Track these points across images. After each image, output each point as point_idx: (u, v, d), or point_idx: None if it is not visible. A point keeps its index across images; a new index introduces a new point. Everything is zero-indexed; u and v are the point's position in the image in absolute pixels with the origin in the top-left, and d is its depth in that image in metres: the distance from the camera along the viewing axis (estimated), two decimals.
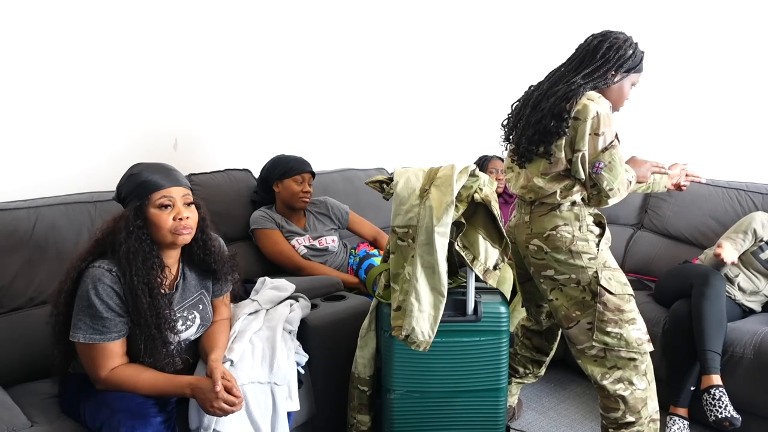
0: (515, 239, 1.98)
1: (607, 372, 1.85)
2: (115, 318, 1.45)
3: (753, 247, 2.42)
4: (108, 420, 1.39)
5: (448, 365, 1.81)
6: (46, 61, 2.09)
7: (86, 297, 1.43)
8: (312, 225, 2.56)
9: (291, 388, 1.71)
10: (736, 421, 1.98)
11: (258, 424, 1.59)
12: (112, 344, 1.46)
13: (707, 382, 2.06)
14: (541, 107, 1.80)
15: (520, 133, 1.88)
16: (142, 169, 1.53)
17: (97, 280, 1.43)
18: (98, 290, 1.43)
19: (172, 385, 1.47)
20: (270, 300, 1.92)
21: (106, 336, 1.45)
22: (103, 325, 1.44)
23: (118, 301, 1.45)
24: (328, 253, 2.51)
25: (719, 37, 3.12)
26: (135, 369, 1.49)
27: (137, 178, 1.50)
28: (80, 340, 1.44)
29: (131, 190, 1.50)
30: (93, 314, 1.43)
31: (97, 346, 1.45)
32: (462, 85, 3.61)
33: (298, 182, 2.45)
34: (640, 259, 3.00)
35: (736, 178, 2.87)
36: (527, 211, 1.92)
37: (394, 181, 1.82)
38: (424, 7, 3.36)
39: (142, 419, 1.39)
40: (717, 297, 2.19)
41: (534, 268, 1.92)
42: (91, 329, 1.44)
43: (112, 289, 1.44)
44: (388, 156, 3.29)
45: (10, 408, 1.52)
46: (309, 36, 2.90)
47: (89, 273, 1.45)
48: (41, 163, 2.10)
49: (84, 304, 1.43)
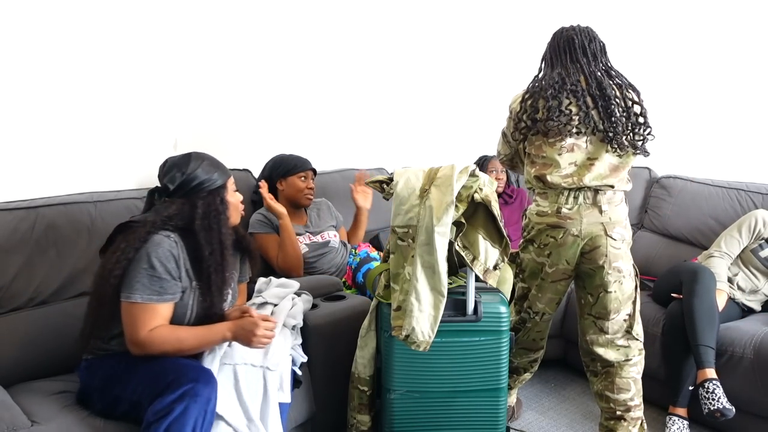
0: (578, 231, 1.88)
1: (628, 359, 1.96)
2: (171, 281, 1.56)
3: (753, 244, 2.42)
4: (182, 374, 1.46)
5: (448, 365, 1.81)
6: (47, 62, 2.09)
7: (146, 259, 1.54)
8: (314, 221, 2.57)
9: (283, 379, 1.73)
10: (729, 412, 1.98)
11: (247, 405, 1.62)
12: (163, 306, 1.56)
13: (702, 377, 2.06)
14: (616, 98, 1.85)
15: (608, 122, 1.84)
16: (203, 159, 1.71)
17: (157, 245, 1.55)
18: (158, 253, 1.54)
19: (212, 333, 1.58)
20: (277, 296, 1.95)
21: (163, 297, 1.55)
22: (161, 286, 1.55)
23: (174, 266, 1.57)
24: (330, 248, 2.51)
25: (719, 38, 3.12)
26: (173, 327, 1.58)
27: (218, 167, 1.72)
28: (137, 301, 1.52)
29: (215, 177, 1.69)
30: (152, 275, 1.53)
31: (149, 306, 1.53)
32: (462, 85, 3.60)
33: (302, 179, 2.48)
34: (640, 259, 2.99)
35: (736, 178, 2.87)
36: (605, 199, 1.89)
37: (394, 181, 1.82)
38: (424, 7, 3.36)
39: (210, 373, 1.51)
40: (706, 292, 2.19)
41: (609, 257, 1.89)
42: (148, 290, 1.53)
43: (171, 253, 1.56)
44: (388, 156, 3.28)
45: (10, 408, 1.52)
46: (309, 36, 2.90)
47: (150, 239, 1.55)
48: (41, 163, 2.10)
49: (143, 266, 1.53)
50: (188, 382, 1.44)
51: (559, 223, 1.89)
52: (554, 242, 1.90)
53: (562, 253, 1.91)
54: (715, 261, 2.39)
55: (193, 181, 1.64)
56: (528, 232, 1.99)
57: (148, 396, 1.46)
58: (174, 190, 1.64)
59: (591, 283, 1.95)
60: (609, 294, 1.91)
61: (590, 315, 1.98)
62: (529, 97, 1.94)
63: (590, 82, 1.88)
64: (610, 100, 1.85)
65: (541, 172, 1.90)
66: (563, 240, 1.89)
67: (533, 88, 1.96)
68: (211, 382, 1.48)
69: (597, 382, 2.03)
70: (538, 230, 1.93)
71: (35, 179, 2.08)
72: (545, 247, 1.92)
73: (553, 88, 1.88)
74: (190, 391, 1.42)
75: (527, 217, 2.02)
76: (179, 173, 1.64)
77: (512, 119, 2.01)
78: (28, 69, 2.05)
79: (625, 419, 1.96)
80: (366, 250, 2.54)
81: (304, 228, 2.53)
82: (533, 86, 1.97)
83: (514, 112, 2.00)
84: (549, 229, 1.91)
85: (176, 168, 1.65)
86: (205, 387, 1.45)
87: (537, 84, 1.96)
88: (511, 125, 2.02)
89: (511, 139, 2.04)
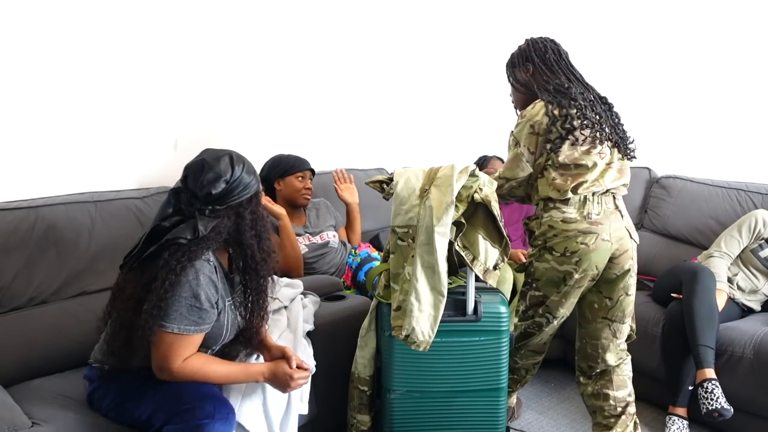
0: (609, 236, 1.86)
1: (625, 358, 2.04)
2: (210, 310, 1.47)
3: (753, 244, 2.42)
4: (197, 405, 1.39)
5: (448, 365, 1.81)
6: (47, 62, 2.09)
7: (188, 288, 1.42)
8: (313, 221, 2.58)
9: (304, 391, 1.74)
10: (727, 412, 1.98)
11: (271, 419, 1.63)
12: (199, 336, 1.47)
13: (701, 377, 2.07)
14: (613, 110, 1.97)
15: (616, 129, 1.93)
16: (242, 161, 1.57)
17: (199, 271, 1.43)
18: (200, 281, 1.43)
19: (245, 373, 1.54)
20: (287, 297, 1.95)
21: (200, 327, 1.46)
22: (200, 317, 1.45)
23: (214, 292, 1.47)
24: (329, 249, 2.51)
25: (719, 38, 3.12)
26: (205, 358, 1.51)
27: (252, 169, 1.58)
28: (174, 331, 1.41)
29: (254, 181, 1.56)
30: (192, 305, 1.43)
31: (185, 337, 1.43)
32: (462, 85, 3.60)
33: (300, 179, 2.49)
34: (640, 259, 2.96)
35: (736, 178, 2.87)
36: (621, 204, 1.96)
37: (394, 181, 1.82)
38: (424, 7, 3.36)
39: (231, 410, 1.45)
40: (705, 292, 2.19)
41: (632, 261, 1.94)
42: (186, 320, 1.43)
43: (210, 279, 1.46)
44: (388, 156, 3.29)
45: (10, 408, 1.52)
46: (309, 36, 2.90)
47: (193, 264, 1.43)
48: (41, 163, 2.10)
49: (185, 295, 1.42)
50: (204, 417, 1.37)
51: (591, 229, 1.85)
52: (585, 248, 1.84)
53: (594, 259, 1.85)
54: (714, 261, 2.39)
55: (238, 187, 1.48)
56: (545, 241, 1.91)
57: (161, 418, 1.42)
58: (217, 199, 1.46)
59: (612, 287, 1.93)
60: (629, 297, 1.95)
61: (606, 318, 1.96)
62: (556, 106, 1.87)
63: (590, 92, 1.95)
64: (612, 108, 1.95)
65: (577, 181, 1.85)
66: (596, 245, 1.84)
67: (556, 98, 1.88)
68: (228, 420, 1.42)
69: (592, 384, 2.03)
70: (565, 237, 1.86)
71: (35, 179, 2.08)
72: (573, 255, 1.85)
73: (581, 96, 1.88)
74: (203, 427, 1.36)
75: (545, 225, 1.91)
76: (222, 180, 1.46)
77: (536, 133, 1.89)
78: (28, 69, 2.05)
79: (625, 414, 1.99)
80: (366, 251, 2.54)
81: (303, 229, 2.53)
82: (554, 96, 1.89)
83: (541, 125, 1.87)
84: (580, 235, 1.85)
85: (214, 173, 1.46)
86: (222, 425, 1.39)
87: (558, 92, 1.89)
88: (533, 141, 1.89)
89: (539, 155, 1.91)
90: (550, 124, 1.85)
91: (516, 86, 2.07)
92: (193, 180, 1.48)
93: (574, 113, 1.85)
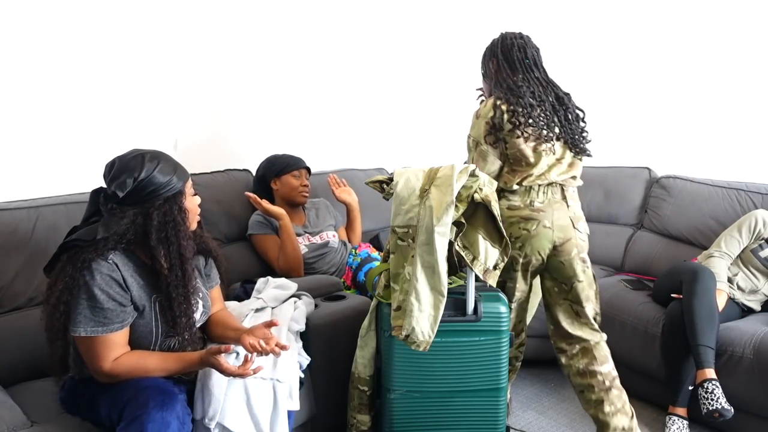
0: (550, 223, 1.97)
1: (602, 335, 2.08)
2: (117, 308, 1.43)
3: (753, 244, 2.42)
4: (133, 398, 1.37)
5: (448, 365, 1.81)
6: (47, 62, 2.09)
7: (85, 289, 1.40)
8: (312, 221, 2.57)
9: (292, 387, 1.71)
10: (727, 412, 1.98)
11: (258, 418, 1.60)
12: (115, 335, 1.43)
13: (701, 377, 2.06)
14: (571, 108, 2.03)
15: (567, 128, 2.02)
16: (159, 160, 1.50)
17: (95, 271, 1.40)
18: (97, 280, 1.40)
19: (183, 362, 1.48)
20: (275, 298, 1.93)
21: (109, 327, 1.42)
22: (105, 317, 1.41)
23: (119, 290, 1.43)
24: (329, 249, 2.51)
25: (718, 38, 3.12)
26: (140, 354, 1.48)
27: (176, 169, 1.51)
28: (81, 334, 1.40)
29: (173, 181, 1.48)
30: (93, 306, 1.40)
31: (98, 338, 1.41)
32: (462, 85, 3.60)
33: (296, 177, 2.49)
34: (640, 259, 3.00)
35: (736, 178, 2.87)
36: (571, 195, 2.03)
37: (394, 181, 1.82)
38: (423, 7, 3.36)
39: (170, 395, 1.40)
40: (706, 292, 2.19)
41: (577, 249, 2.01)
42: (92, 321, 1.40)
43: (111, 277, 1.42)
44: (388, 156, 3.29)
45: (10, 408, 1.52)
46: (309, 37, 2.90)
47: (89, 266, 1.41)
48: (41, 163, 2.10)
49: (83, 297, 1.40)
50: (139, 408, 1.35)
51: (532, 216, 1.97)
52: (527, 234, 1.97)
53: (535, 244, 1.97)
54: (715, 261, 2.39)
55: (147, 187, 1.42)
56: None
57: (115, 420, 1.41)
58: (123, 198, 1.42)
59: (562, 273, 2.03)
60: (581, 283, 2.02)
61: (567, 299, 2.06)
62: (504, 102, 1.96)
63: (549, 92, 2.02)
64: (568, 108, 2.03)
65: (524, 175, 1.97)
66: (536, 231, 1.96)
67: (506, 95, 1.97)
68: (165, 405, 1.36)
69: (575, 363, 2.07)
70: (510, 223, 1.98)
71: (35, 179, 2.08)
72: (516, 240, 1.98)
73: (530, 95, 1.97)
74: (140, 419, 1.33)
75: None
76: (130, 178, 1.41)
77: (493, 127, 1.97)
78: (28, 70, 2.05)
79: (614, 388, 2.02)
80: (367, 251, 2.54)
81: (303, 228, 2.53)
82: (505, 93, 1.98)
83: (494, 119, 1.96)
84: (522, 221, 1.97)
85: (126, 172, 1.42)
86: (158, 412, 1.35)
87: (510, 89, 1.98)
88: (492, 137, 1.98)
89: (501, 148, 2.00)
90: (500, 118, 1.96)
91: (484, 77, 2.17)
92: (106, 178, 1.46)
93: (520, 111, 1.94)
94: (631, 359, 2.44)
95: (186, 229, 1.50)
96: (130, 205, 1.43)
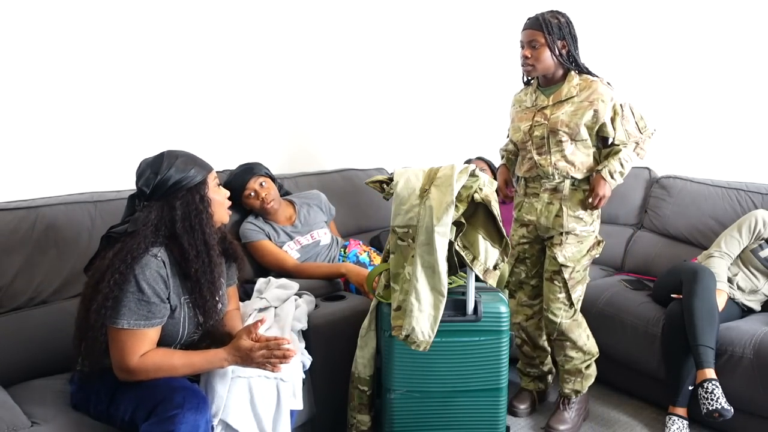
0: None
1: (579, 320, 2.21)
2: (159, 303, 1.49)
3: (753, 244, 2.42)
4: (168, 398, 1.40)
5: (448, 365, 1.81)
6: (47, 62, 2.09)
7: (134, 282, 1.46)
8: (303, 218, 2.50)
9: (295, 387, 1.72)
10: (727, 412, 1.98)
11: (260, 417, 1.61)
12: (151, 330, 1.49)
13: (701, 377, 2.06)
14: None
15: None
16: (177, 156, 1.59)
17: (144, 266, 1.47)
18: (146, 275, 1.46)
19: (207, 360, 1.52)
20: (278, 298, 1.94)
21: (151, 321, 1.48)
22: (149, 310, 1.47)
23: (163, 287, 1.50)
24: (321, 247, 2.49)
25: (718, 37, 3.12)
26: (165, 351, 1.52)
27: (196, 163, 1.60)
28: (124, 327, 1.44)
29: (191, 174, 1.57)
30: (140, 299, 1.46)
31: (136, 332, 1.46)
32: (462, 85, 3.60)
33: (251, 196, 2.37)
34: (640, 258, 3.00)
35: (736, 178, 2.87)
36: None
37: (394, 181, 1.82)
38: (423, 7, 3.36)
39: (203, 400, 1.45)
40: (706, 292, 2.19)
41: None
42: (135, 314, 1.45)
43: (158, 274, 1.49)
44: (388, 156, 3.29)
45: (10, 408, 1.52)
46: (309, 37, 2.90)
47: (138, 260, 1.47)
48: (41, 163, 2.10)
49: (131, 290, 1.46)
50: (174, 408, 1.38)
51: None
52: None
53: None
54: (715, 261, 2.39)
55: (169, 180, 1.52)
56: None
57: (141, 416, 1.43)
58: (150, 194, 1.53)
59: None
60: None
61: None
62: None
63: None
64: None
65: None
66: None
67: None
68: (199, 409, 1.42)
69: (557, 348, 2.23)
70: None
71: (35, 179, 2.08)
72: None
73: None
74: (174, 419, 1.37)
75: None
76: (153, 174, 1.52)
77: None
78: (28, 70, 2.05)
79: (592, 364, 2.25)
80: (355, 251, 2.50)
81: (292, 229, 2.46)
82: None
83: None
84: None
85: (150, 169, 1.54)
86: (192, 414, 1.39)
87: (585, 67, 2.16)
88: None
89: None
90: None
91: (554, 54, 2.12)
92: (136, 179, 1.57)
93: None
94: (631, 359, 2.44)
95: (209, 217, 1.58)
96: (157, 200, 1.53)
